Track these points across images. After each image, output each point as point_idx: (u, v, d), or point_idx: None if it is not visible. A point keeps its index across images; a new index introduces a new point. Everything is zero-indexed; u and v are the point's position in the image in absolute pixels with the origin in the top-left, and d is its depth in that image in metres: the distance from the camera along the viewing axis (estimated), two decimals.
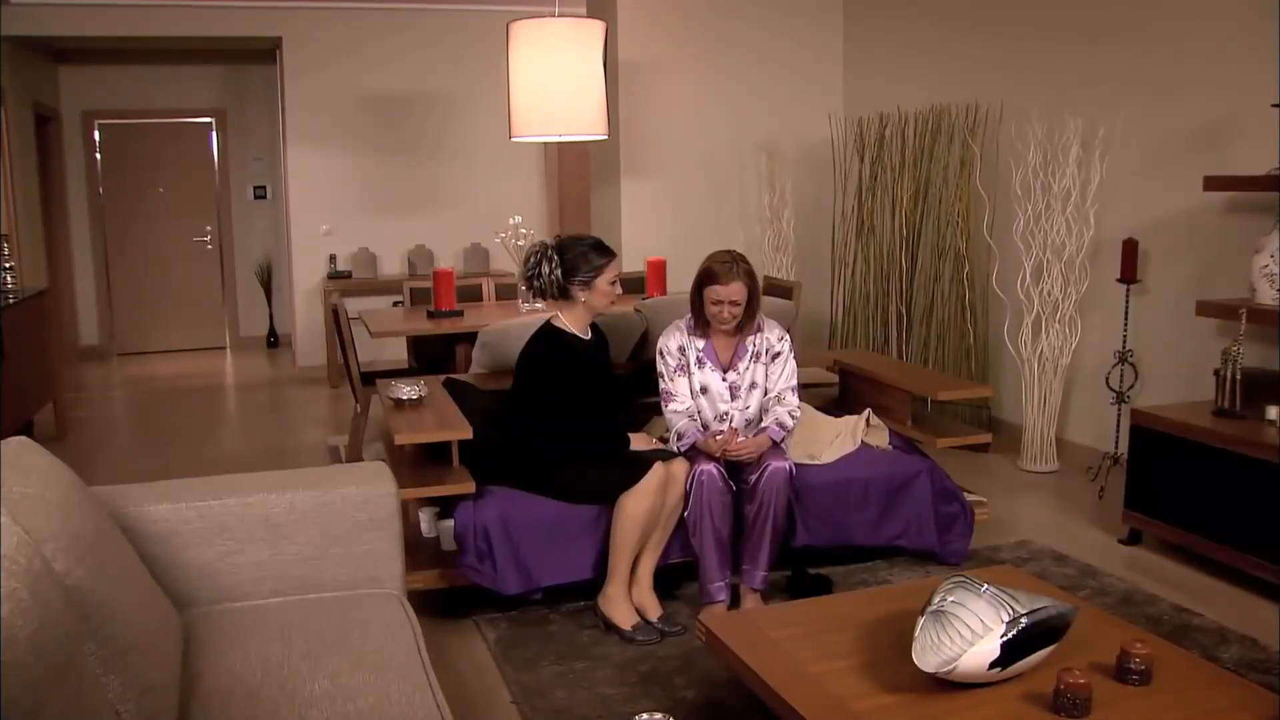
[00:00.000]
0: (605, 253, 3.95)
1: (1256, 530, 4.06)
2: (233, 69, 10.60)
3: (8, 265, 6.66)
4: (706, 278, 3.96)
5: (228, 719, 2.16)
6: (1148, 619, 3.85)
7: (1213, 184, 4.64)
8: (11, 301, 6.29)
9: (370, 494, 2.92)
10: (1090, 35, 5.65)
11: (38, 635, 1.54)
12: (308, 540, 2.85)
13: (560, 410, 3.93)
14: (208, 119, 10.74)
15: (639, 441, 4.07)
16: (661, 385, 4.10)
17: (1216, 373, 4.48)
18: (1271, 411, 4.26)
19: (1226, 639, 3.70)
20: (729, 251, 4.00)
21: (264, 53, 9.86)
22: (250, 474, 3.04)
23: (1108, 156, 5.49)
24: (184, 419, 7.71)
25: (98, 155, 10.50)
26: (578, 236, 4.05)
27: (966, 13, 6.57)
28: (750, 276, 3.95)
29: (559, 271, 3.90)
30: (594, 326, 4.09)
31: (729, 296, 3.90)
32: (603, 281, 3.91)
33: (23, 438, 2.36)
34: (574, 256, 3.91)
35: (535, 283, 3.95)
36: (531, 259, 3.95)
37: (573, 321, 3.98)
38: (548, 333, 3.98)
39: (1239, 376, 4.37)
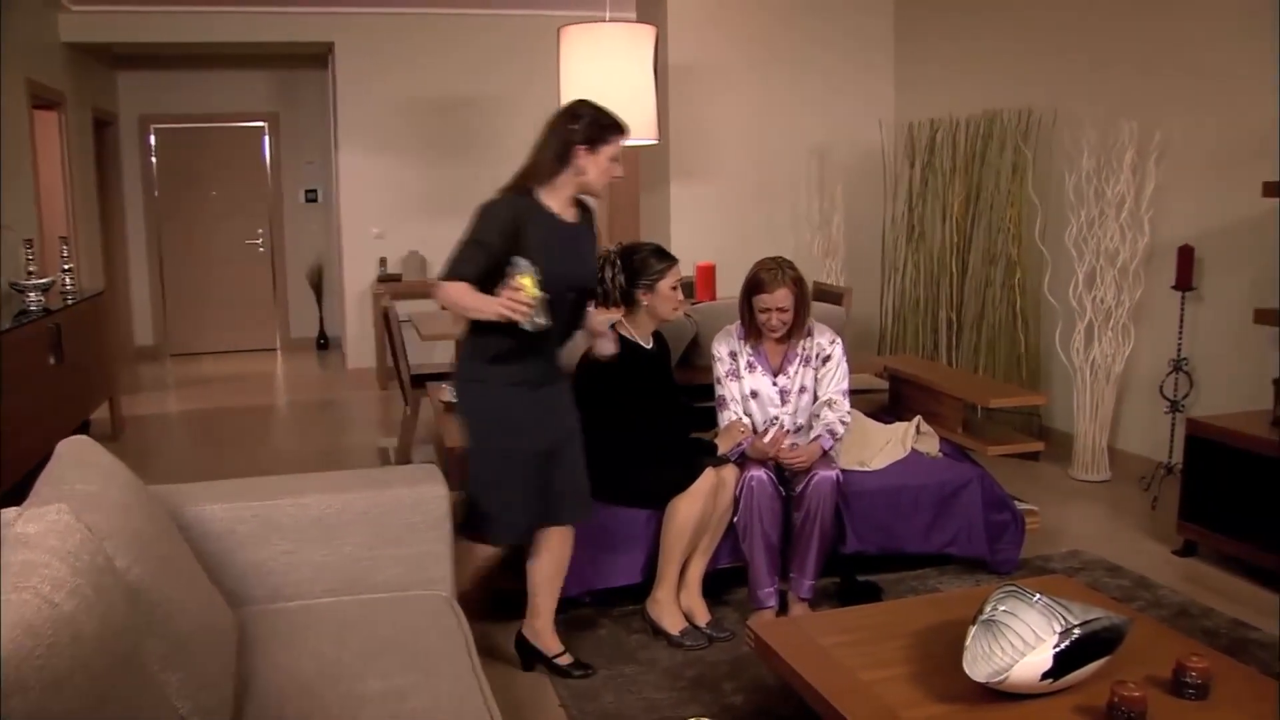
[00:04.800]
0: (666, 258, 3.95)
1: None
2: (285, 74, 10.72)
3: (67, 267, 6.77)
4: (754, 286, 3.95)
5: (282, 717, 2.19)
6: (1204, 632, 3.80)
7: (1272, 190, 4.56)
8: (70, 302, 6.39)
9: (422, 496, 2.94)
10: (1144, 39, 5.58)
11: (102, 631, 1.56)
12: (360, 541, 2.88)
13: (619, 415, 3.93)
14: (260, 123, 10.86)
15: (727, 437, 4.02)
16: (717, 391, 4.10)
17: (1275, 382, 4.41)
18: None
19: None
20: (776, 259, 3.99)
21: (316, 57, 9.96)
22: (304, 475, 3.08)
23: (1164, 162, 5.42)
24: (236, 419, 7.80)
25: (153, 159, 10.66)
26: (640, 244, 4.06)
27: (1019, 17, 6.52)
28: (798, 283, 3.94)
29: (621, 277, 3.91)
30: (656, 335, 4.09)
31: (776, 304, 3.89)
32: (665, 285, 3.91)
33: (83, 436, 2.41)
34: (636, 262, 3.92)
35: (599, 289, 3.95)
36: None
37: (636, 329, 3.98)
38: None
39: None
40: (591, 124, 3.31)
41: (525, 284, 3.03)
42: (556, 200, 3.30)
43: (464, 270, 3.16)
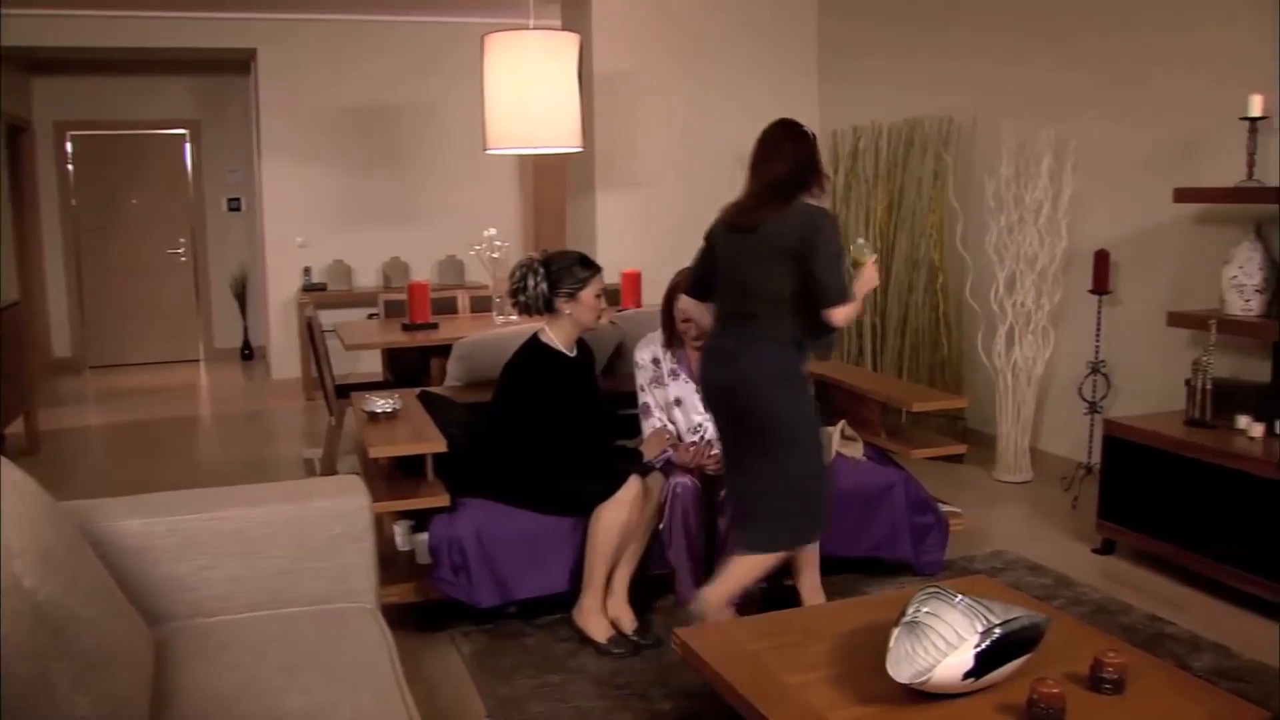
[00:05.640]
0: (590, 266, 3.95)
1: (1228, 539, 4.10)
2: (207, 80, 10.56)
3: None
4: (676, 294, 3.97)
5: None
6: (1121, 628, 3.87)
7: (1182, 196, 4.68)
8: None
9: (344, 507, 2.90)
10: (1062, 48, 5.70)
11: (7, 653, 1.52)
12: (282, 554, 2.83)
13: (544, 422, 3.92)
14: (182, 130, 10.68)
15: (651, 444, 4.03)
16: (641, 399, 4.10)
17: (1188, 383, 4.52)
18: (1242, 421, 4.30)
19: (1199, 647, 3.73)
20: None
21: (238, 64, 9.82)
22: (224, 488, 3.03)
23: (1080, 168, 5.53)
24: (158, 432, 7.66)
25: (70, 167, 10.44)
26: (563, 252, 4.05)
27: (940, 27, 6.62)
28: None
29: (544, 285, 3.90)
30: (580, 342, 4.08)
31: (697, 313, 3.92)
32: (587, 295, 3.91)
33: None
34: (559, 269, 3.91)
35: (521, 297, 3.93)
36: (518, 273, 3.94)
37: (559, 336, 3.97)
38: (534, 346, 3.98)
39: (1210, 386, 4.41)
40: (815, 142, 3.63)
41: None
42: None
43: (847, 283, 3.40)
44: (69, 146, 10.40)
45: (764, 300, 3.44)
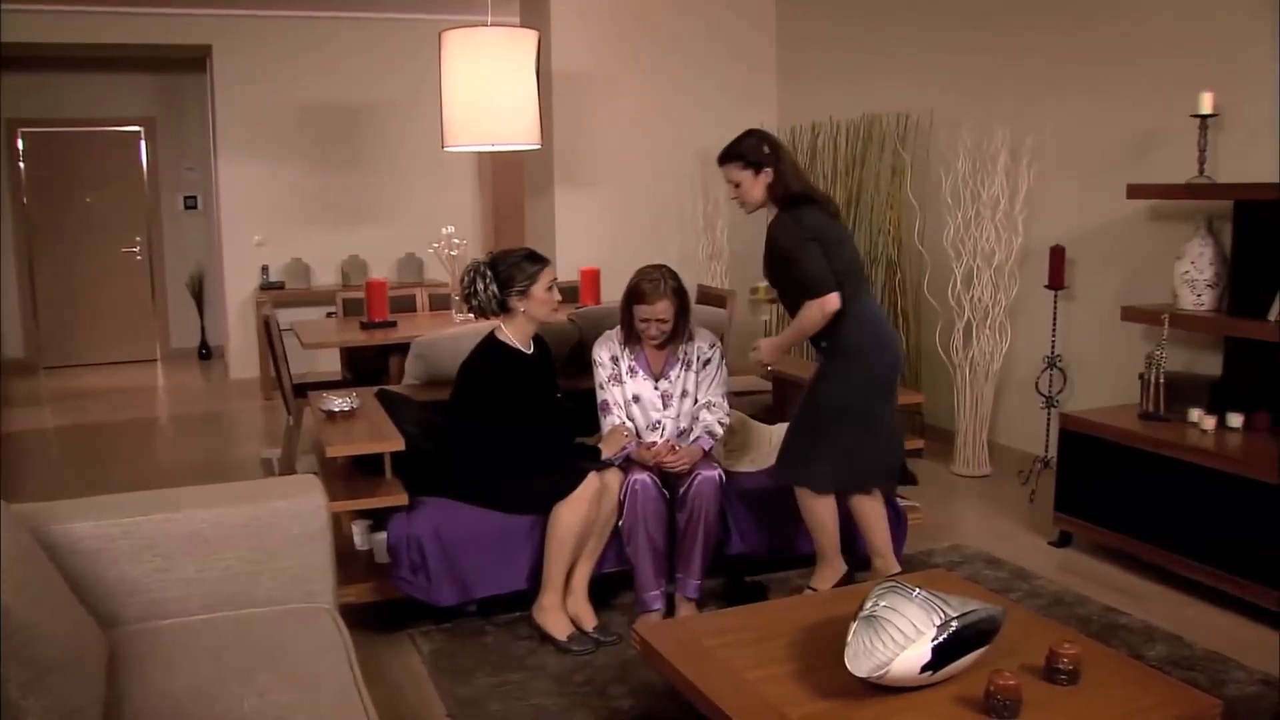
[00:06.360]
0: (538, 260, 3.94)
1: (1182, 530, 4.15)
2: (163, 77, 10.44)
3: None
4: (634, 295, 3.98)
5: None
6: (1077, 619, 3.91)
7: (1135, 192, 4.73)
8: None
9: (301, 507, 2.88)
10: (1018, 46, 5.74)
11: None
12: (238, 555, 2.81)
13: (501, 420, 3.91)
14: (137, 128, 10.55)
15: (610, 441, 4.03)
16: (600, 396, 4.10)
17: (1141, 377, 4.57)
18: (1194, 414, 4.36)
19: (1153, 637, 3.78)
20: (658, 268, 4.02)
21: (194, 61, 9.72)
22: (178, 489, 3.00)
23: (1035, 165, 5.58)
24: (114, 434, 7.57)
25: (22, 164, 10.29)
26: (509, 250, 4.03)
27: (897, 25, 6.65)
28: (678, 293, 3.98)
29: (494, 286, 3.88)
30: (536, 339, 4.07)
31: (656, 315, 3.93)
32: (539, 289, 3.90)
33: None
34: (507, 268, 3.90)
35: (474, 301, 3.93)
36: (467, 278, 3.92)
37: (515, 334, 3.96)
38: (491, 345, 3.96)
39: (1163, 380, 4.46)
40: None
41: None
42: None
43: None
44: (20, 144, 10.25)
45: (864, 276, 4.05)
